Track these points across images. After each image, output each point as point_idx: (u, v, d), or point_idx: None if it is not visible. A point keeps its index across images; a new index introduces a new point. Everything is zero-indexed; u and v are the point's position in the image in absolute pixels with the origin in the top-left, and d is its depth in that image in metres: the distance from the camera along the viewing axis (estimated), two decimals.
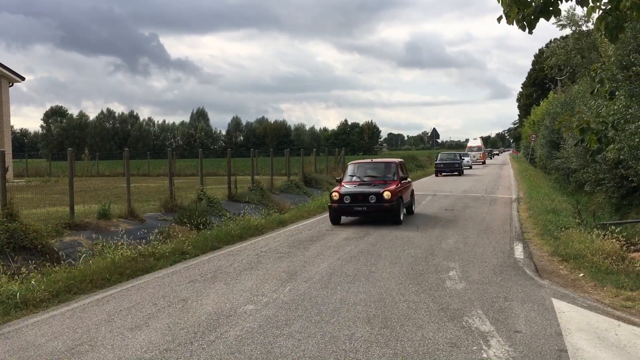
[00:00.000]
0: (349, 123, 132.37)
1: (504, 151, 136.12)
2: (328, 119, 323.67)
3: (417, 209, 17.23)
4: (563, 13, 28.67)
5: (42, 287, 7.43)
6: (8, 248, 8.83)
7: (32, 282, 7.57)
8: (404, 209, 14.59)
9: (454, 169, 35.74)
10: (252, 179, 19.45)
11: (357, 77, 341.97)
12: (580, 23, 30.93)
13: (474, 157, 55.97)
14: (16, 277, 7.91)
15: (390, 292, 7.31)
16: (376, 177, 14.60)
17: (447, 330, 5.78)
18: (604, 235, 10.01)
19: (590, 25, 29.42)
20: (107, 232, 11.05)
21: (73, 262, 9.08)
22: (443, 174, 35.86)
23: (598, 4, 5.49)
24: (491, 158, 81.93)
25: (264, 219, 14.52)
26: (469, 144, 63.56)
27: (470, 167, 46.26)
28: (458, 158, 37.33)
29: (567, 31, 32.89)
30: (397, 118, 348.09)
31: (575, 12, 31.37)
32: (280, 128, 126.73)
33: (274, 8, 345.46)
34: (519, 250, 10.20)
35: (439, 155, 39.58)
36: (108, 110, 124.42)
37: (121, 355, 5.25)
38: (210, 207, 14.86)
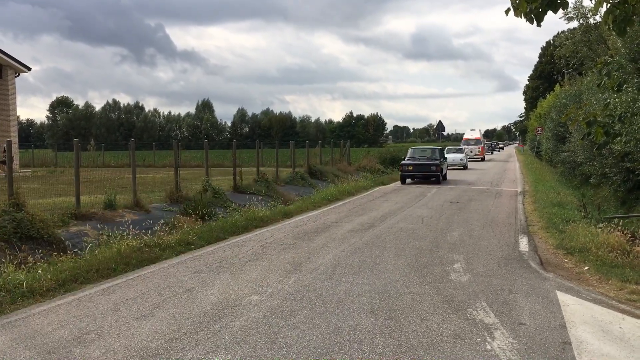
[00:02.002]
0: (354, 115, 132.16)
1: (509, 144, 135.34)
2: (333, 111, 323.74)
3: (422, 201, 17.20)
4: (570, 6, 28.46)
5: (49, 276, 7.48)
6: (15, 237, 8.89)
7: (39, 271, 7.62)
8: None
9: (429, 173, 23.78)
10: (257, 171, 19.46)
11: (362, 68, 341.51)
12: (588, 15, 30.70)
13: (470, 152, 47.09)
14: (23, 266, 7.97)
15: (394, 284, 7.33)
16: None
17: (451, 322, 5.80)
18: (609, 229, 9.99)
19: (598, 18, 29.20)
20: (113, 223, 11.10)
21: (79, 252, 9.13)
22: (415, 179, 24.35)
23: None
24: (492, 153, 71.61)
25: (269, 210, 14.54)
26: (465, 136, 53.10)
27: (465, 167, 35.73)
28: (436, 156, 24.88)
29: (575, 24, 32.66)
30: (403, 110, 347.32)
31: (583, 4, 31.11)
32: (285, 120, 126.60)
33: None
34: (523, 243, 10.20)
35: (409, 151, 26.85)
36: (114, 101, 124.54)
37: (127, 344, 5.29)
38: (215, 198, 14.90)
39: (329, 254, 9.32)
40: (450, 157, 34.37)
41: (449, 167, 32.10)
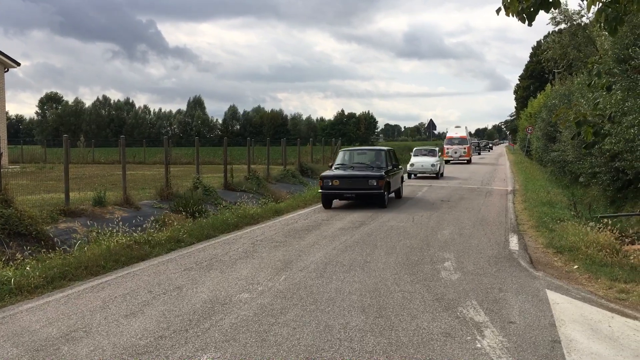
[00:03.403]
0: (346, 113, 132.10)
1: (500, 143, 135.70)
2: (325, 109, 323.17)
3: (415, 198, 17.25)
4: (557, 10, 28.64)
5: (37, 273, 7.41)
6: (3, 234, 8.82)
7: (27, 268, 7.56)
8: None
9: (368, 191, 15.03)
10: (248, 168, 19.43)
11: (355, 67, 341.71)
12: (574, 18, 30.89)
13: (454, 152, 40.81)
14: (11, 263, 7.91)
15: (385, 282, 7.33)
16: None
17: (441, 320, 5.81)
18: (599, 228, 10.05)
19: (585, 20, 29.41)
20: (103, 219, 11.03)
21: (68, 249, 9.07)
22: (345, 199, 15.87)
23: None
24: (479, 154, 62.99)
25: (260, 208, 14.52)
26: (448, 134, 44.85)
27: (439, 175, 26.28)
28: (381, 162, 16.11)
29: (562, 27, 32.81)
30: (395, 109, 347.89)
31: (568, 8, 31.36)
32: (277, 117, 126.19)
33: None
34: (514, 242, 10.23)
35: (339, 155, 17.42)
36: (104, 97, 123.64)
37: (116, 342, 5.25)
38: (206, 195, 14.85)
39: (319, 252, 9.30)
40: (418, 161, 26.57)
41: (417, 175, 26.46)
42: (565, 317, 5.89)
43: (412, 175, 26.26)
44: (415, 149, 29.77)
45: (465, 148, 41.24)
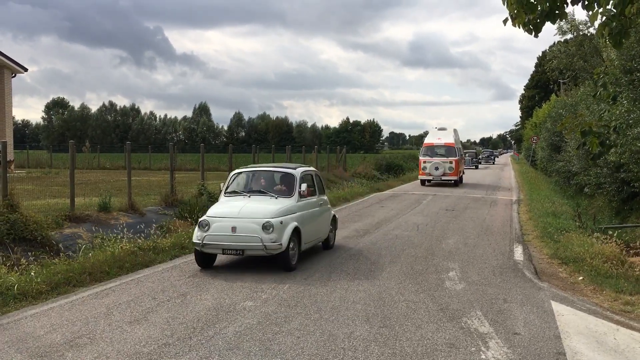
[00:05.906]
0: (351, 121, 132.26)
1: (504, 153, 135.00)
2: (331, 117, 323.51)
3: (418, 208, 17.24)
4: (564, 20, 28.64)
5: (41, 278, 7.43)
6: (8, 239, 8.83)
7: (32, 273, 7.57)
8: None
9: None
10: None
11: (360, 75, 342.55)
12: (581, 28, 30.92)
13: (435, 169, 26.41)
14: (15, 268, 7.92)
15: (389, 292, 7.31)
16: None
17: (446, 330, 5.79)
18: (604, 239, 10.01)
19: (592, 30, 29.38)
20: (107, 225, 11.04)
21: (73, 255, 9.07)
22: None
23: (602, 9, 5.47)
24: (476, 167, 48.66)
25: None
26: (427, 140, 29.09)
27: (295, 258, 8.59)
28: None
29: (568, 37, 32.83)
30: (400, 117, 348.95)
31: (575, 18, 31.30)
32: (282, 125, 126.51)
33: (279, 4, 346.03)
34: (518, 252, 10.21)
35: None
36: (110, 103, 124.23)
37: (120, 349, 5.25)
38: (211, 202, 14.80)
39: (323, 260, 9.29)
40: (223, 216, 8.72)
41: (244, 254, 8.59)
42: (570, 329, 5.87)
43: (220, 256, 9.18)
44: (233, 173, 10.39)
45: (451, 162, 26.71)
